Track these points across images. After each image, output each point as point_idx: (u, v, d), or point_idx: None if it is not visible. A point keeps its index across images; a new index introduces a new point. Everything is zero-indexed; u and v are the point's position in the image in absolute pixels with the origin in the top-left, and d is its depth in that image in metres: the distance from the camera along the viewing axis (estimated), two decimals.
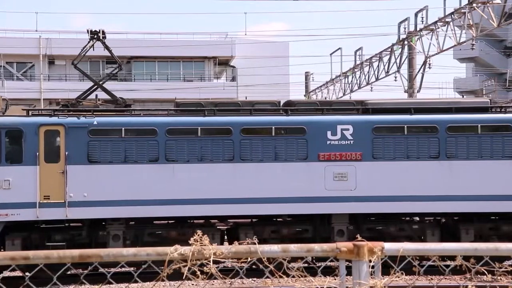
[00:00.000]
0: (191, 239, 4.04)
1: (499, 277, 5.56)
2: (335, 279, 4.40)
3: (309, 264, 4.42)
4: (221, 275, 4.18)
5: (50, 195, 16.54)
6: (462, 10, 27.72)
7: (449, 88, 73.95)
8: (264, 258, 4.08)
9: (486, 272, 4.46)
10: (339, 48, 44.45)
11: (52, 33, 50.49)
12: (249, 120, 17.33)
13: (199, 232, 4.10)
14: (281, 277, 4.29)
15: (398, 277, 4.25)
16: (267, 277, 4.36)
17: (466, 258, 4.21)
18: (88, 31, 19.29)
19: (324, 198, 17.09)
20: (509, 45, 58.36)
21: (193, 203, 16.92)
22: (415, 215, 18.09)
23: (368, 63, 39.42)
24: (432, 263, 4.30)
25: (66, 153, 16.66)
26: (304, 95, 50.95)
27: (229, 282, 4.66)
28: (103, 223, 17.26)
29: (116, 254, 3.98)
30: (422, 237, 17.64)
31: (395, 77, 35.03)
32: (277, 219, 18.03)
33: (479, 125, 17.54)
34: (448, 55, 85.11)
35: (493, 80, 56.65)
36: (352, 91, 42.38)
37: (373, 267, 4.06)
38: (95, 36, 19.20)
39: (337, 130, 17.26)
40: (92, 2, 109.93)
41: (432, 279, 15.47)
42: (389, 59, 35.97)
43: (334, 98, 42.45)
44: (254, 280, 14.37)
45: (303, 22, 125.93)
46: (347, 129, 17.28)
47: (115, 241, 16.92)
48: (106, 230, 17.11)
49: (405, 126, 17.48)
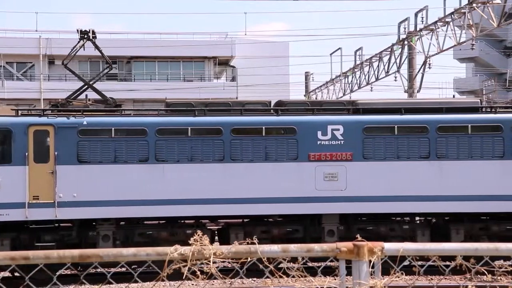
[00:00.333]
0: (191, 239, 4.02)
1: (499, 277, 5.57)
2: (335, 279, 4.38)
3: (305, 264, 4.40)
4: (221, 275, 4.17)
5: (40, 195, 16.48)
6: (462, 10, 27.75)
7: (449, 88, 74.11)
8: (264, 258, 4.07)
9: (486, 272, 4.46)
10: (339, 48, 44.52)
11: (52, 33, 50.32)
12: (240, 120, 17.30)
13: (199, 232, 4.09)
14: (281, 277, 4.28)
15: (398, 277, 4.24)
16: (267, 277, 4.35)
17: (466, 258, 4.20)
18: (78, 31, 19.23)
19: (315, 198, 17.08)
20: (509, 45, 58.47)
21: (183, 203, 16.89)
22: (406, 215, 18.09)
23: (368, 63, 39.39)
24: (432, 263, 4.29)
25: (56, 153, 16.61)
26: (304, 95, 50.92)
27: (229, 282, 4.65)
28: (93, 224, 17.21)
29: (116, 254, 3.96)
30: (413, 237, 17.64)
31: (395, 77, 35.10)
32: (268, 219, 18.02)
33: (469, 125, 17.57)
34: (448, 55, 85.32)
35: (493, 80, 56.80)
36: (352, 91, 42.34)
37: (373, 267, 4.05)
38: (85, 36, 19.15)
39: (328, 130, 17.25)
40: (92, 2, 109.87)
41: (432, 279, 15.50)
42: (389, 59, 35.96)
43: (334, 98, 42.36)
44: (254, 280, 14.33)
45: (303, 22, 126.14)
46: (338, 129, 17.27)
47: (105, 242, 16.86)
48: (96, 231, 17.06)
49: (396, 126, 17.49)
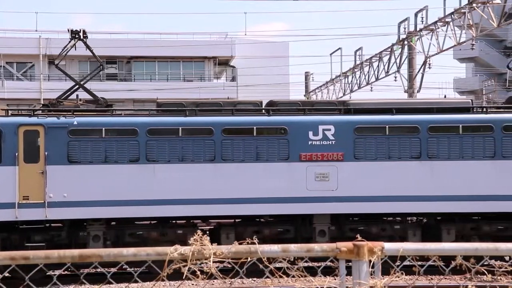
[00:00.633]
0: (191, 239, 4.00)
1: (499, 277, 5.55)
2: (335, 279, 4.37)
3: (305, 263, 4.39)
4: (221, 275, 4.16)
5: (30, 196, 16.43)
6: (462, 10, 27.80)
7: (449, 88, 74.08)
8: (264, 258, 4.05)
9: (486, 272, 4.46)
10: (339, 48, 44.55)
11: (52, 33, 49.97)
12: (231, 120, 17.27)
13: (199, 232, 4.07)
14: (281, 277, 4.27)
15: (398, 277, 4.23)
16: (267, 277, 4.34)
17: (466, 258, 4.20)
18: (69, 31, 19.19)
19: (306, 199, 17.07)
20: (509, 45, 58.47)
21: (174, 204, 16.86)
22: (397, 215, 18.09)
23: (368, 63, 39.41)
24: (432, 263, 4.28)
25: (46, 153, 16.56)
26: (304, 95, 50.91)
27: (229, 282, 4.63)
28: (84, 224, 17.16)
29: (117, 254, 3.95)
30: (404, 238, 17.64)
31: (395, 77, 35.15)
32: (260, 220, 18.00)
33: (461, 126, 17.58)
34: (448, 55, 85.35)
35: (493, 80, 56.86)
36: (352, 91, 42.35)
37: (373, 267, 4.04)
38: (76, 36, 19.10)
39: (319, 130, 17.24)
40: (93, 2, 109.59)
41: (432, 279, 15.53)
42: (389, 59, 36.00)
43: (334, 98, 42.33)
44: (254, 280, 14.32)
45: (303, 22, 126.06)
46: (329, 129, 17.26)
47: (95, 242, 16.83)
48: (87, 231, 17.02)
49: (387, 127, 17.48)
